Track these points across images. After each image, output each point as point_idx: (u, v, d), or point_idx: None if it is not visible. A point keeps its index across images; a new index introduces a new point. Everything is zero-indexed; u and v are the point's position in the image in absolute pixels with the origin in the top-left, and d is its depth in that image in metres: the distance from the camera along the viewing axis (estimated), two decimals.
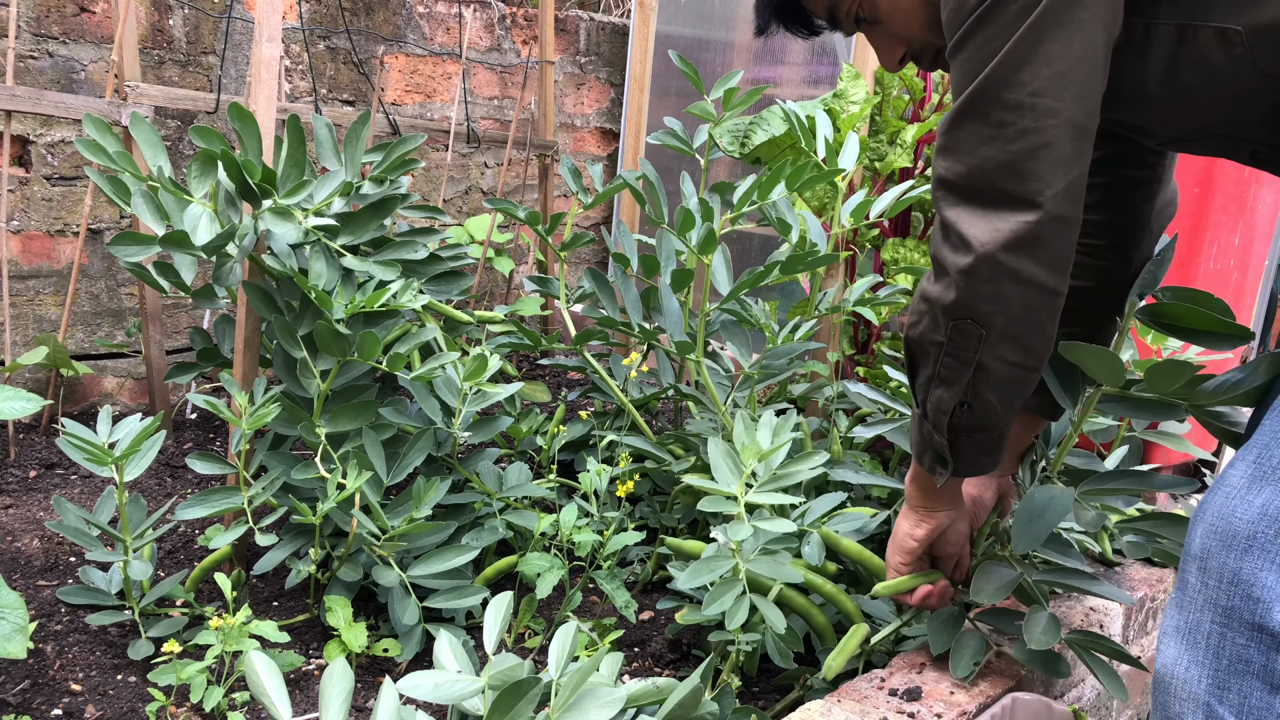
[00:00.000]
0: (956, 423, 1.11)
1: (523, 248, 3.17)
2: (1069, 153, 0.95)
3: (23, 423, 2.24)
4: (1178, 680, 0.84)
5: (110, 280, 2.40)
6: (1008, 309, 1.00)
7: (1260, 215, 2.15)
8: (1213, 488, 0.88)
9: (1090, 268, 1.29)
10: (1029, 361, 1.05)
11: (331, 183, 1.63)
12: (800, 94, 3.13)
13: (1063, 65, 0.92)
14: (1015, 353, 1.04)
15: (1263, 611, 0.78)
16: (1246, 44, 0.91)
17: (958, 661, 1.30)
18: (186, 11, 2.40)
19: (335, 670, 0.89)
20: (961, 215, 1.00)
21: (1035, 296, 0.99)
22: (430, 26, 2.91)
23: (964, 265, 1.00)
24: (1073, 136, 0.94)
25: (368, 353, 1.50)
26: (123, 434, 1.46)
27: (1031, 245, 0.97)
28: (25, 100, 1.96)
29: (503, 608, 1.04)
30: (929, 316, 1.07)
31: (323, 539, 1.60)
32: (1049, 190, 0.95)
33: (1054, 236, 0.97)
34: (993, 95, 0.95)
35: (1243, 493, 0.83)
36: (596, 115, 3.45)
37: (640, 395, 2.04)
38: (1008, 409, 1.10)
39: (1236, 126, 1.00)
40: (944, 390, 1.10)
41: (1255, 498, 0.82)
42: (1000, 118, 0.95)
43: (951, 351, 1.06)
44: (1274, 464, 0.83)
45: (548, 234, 2.06)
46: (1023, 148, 0.95)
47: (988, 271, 0.99)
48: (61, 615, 1.55)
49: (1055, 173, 0.95)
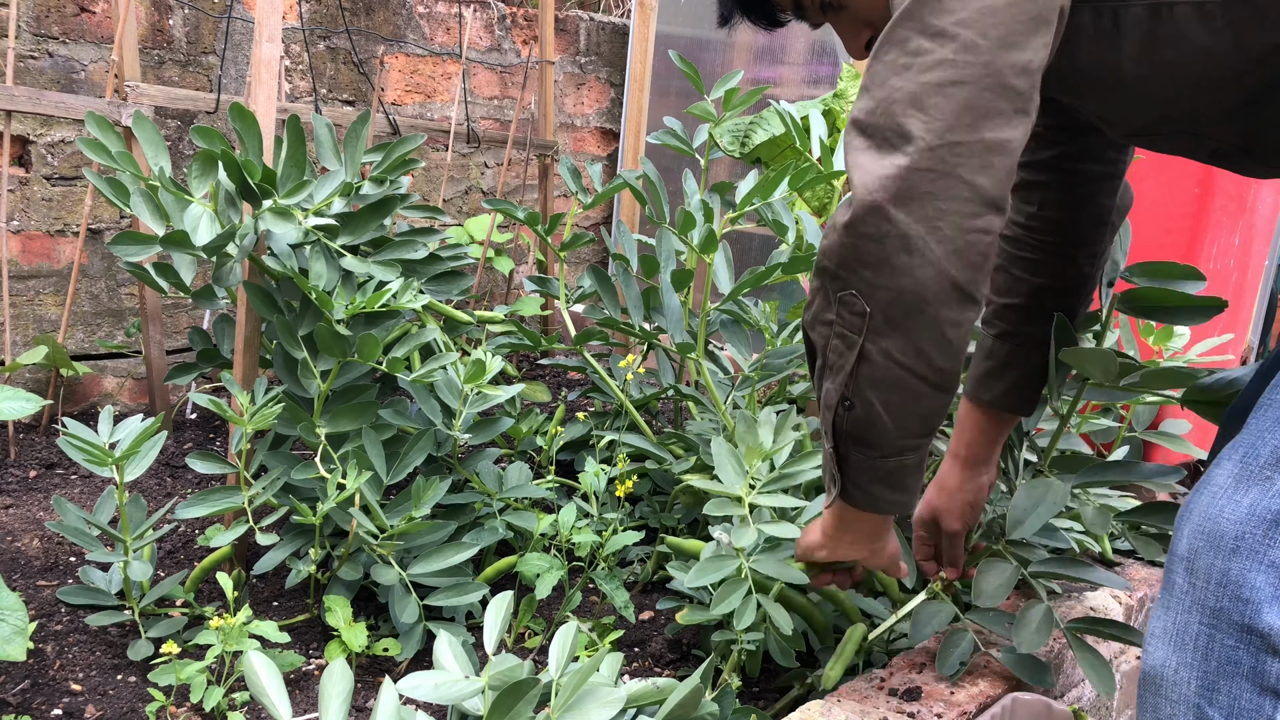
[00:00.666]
0: (840, 425, 0.99)
1: (523, 248, 3.17)
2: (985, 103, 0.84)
3: (23, 423, 2.24)
4: (1167, 682, 0.83)
5: (110, 280, 2.40)
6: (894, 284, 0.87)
7: (1260, 215, 2.15)
8: (1198, 487, 0.86)
9: (1051, 265, 1.25)
10: (921, 369, 0.91)
11: (331, 183, 1.63)
12: (800, 94, 3.13)
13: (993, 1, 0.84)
14: (903, 351, 0.90)
15: (1251, 612, 0.77)
16: (1226, 15, 0.86)
17: (944, 659, 1.31)
18: (186, 11, 2.40)
19: (335, 670, 0.89)
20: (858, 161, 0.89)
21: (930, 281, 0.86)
22: (430, 26, 2.91)
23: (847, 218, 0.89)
24: (992, 85, 0.84)
25: (367, 354, 1.50)
26: (123, 434, 1.46)
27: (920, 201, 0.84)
28: (25, 100, 1.96)
29: (503, 608, 1.04)
30: (820, 292, 0.95)
31: (323, 539, 1.60)
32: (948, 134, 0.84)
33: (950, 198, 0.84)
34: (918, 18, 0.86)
35: (1229, 492, 0.82)
36: (596, 115, 3.45)
37: (640, 395, 2.04)
38: (899, 426, 0.96)
39: (1202, 120, 0.96)
40: (830, 381, 0.98)
41: (1243, 498, 0.81)
42: (918, 44, 0.85)
43: (839, 332, 0.94)
44: (1260, 463, 0.81)
45: (547, 234, 2.06)
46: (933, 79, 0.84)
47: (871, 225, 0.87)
48: (61, 615, 1.55)
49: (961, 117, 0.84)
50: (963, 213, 0.85)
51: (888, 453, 0.99)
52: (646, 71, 3.16)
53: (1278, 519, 0.77)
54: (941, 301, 0.88)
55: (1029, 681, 1.30)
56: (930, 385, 0.93)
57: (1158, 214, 2.02)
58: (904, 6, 0.88)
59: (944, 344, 0.90)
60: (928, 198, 0.85)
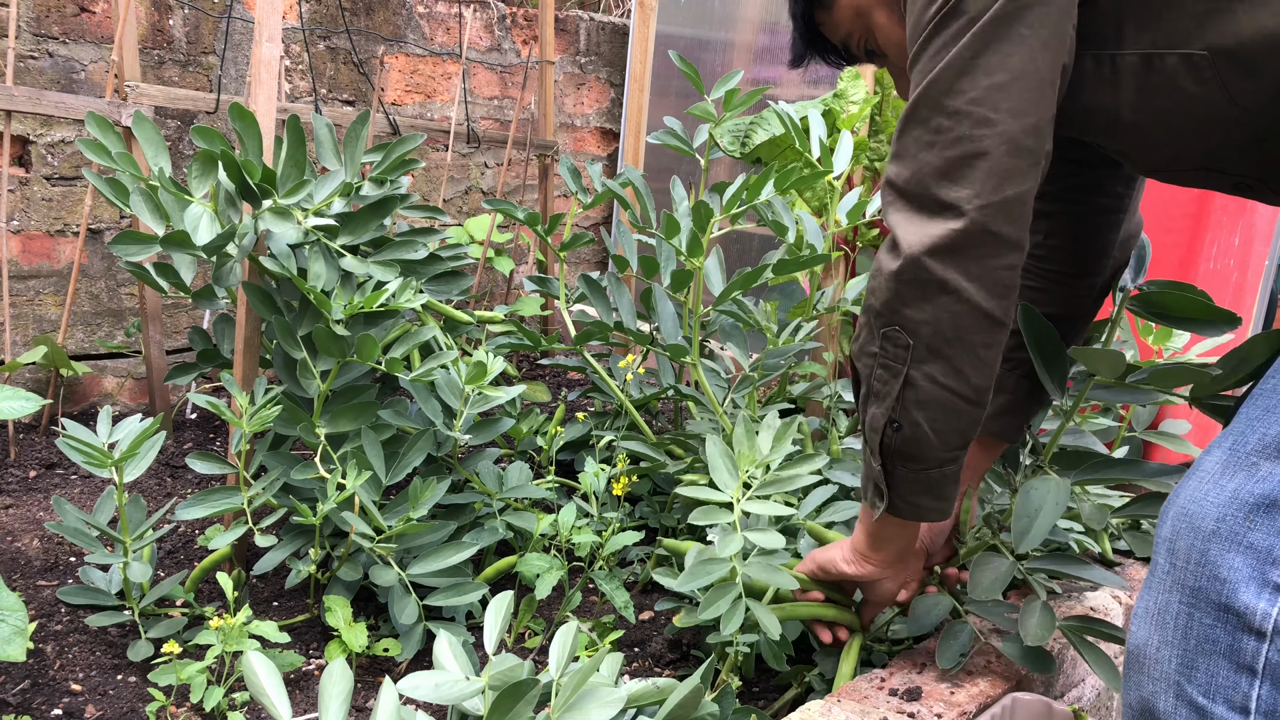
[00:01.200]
0: (888, 445, 1.10)
1: (523, 248, 3.17)
2: (1006, 167, 0.95)
3: (23, 423, 2.24)
4: (1149, 660, 0.84)
5: (110, 280, 2.40)
6: (934, 319, 1.00)
7: (1260, 215, 2.15)
8: (1188, 474, 0.89)
9: (1053, 293, 1.31)
10: (961, 388, 1.03)
11: (331, 183, 1.63)
12: (801, 94, 3.13)
13: (1001, 78, 0.94)
14: (945, 374, 1.02)
15: (1229, 592, 0.78)
16: (1214, 68, 0.92)
17: (944, 651, 1.31)
18: (186, 11, 2.40)
19: (334, 671, 0.89)
20: (899, 219, 1.02)
21: (965, 314, 0.99)
22: (430, 26, 2.91)
23: (894, 268, 1.01)
24: (1009, 150, 0.95)
25: (366, 354, 1.50)
26: (122, 435, 1.46)
27: (958, 255, 0.97)
28: (25, 100, 1.96)
29: (502, 608, 1.04)
30: (866, 328, 1.08)
31: (323, 539, 1.60)
32: (978, 200, 0.96)
33: (983, 250, 0.97)
34: (934, 101, 0.97)
35: (1215, 478, 0.84)
36: (596, 115, 3.45)
37: (640, 395, 2.04)
38: (942, 441, 1.07)
39: (1216, 158, 1.01)
40: (876, 406, 1.09)
41: (1228, 483, 0.83)
42: (939, 123, 0.97)
43: (883, 363, 1.06)
44: (1248, 450, 0.83)
45: (547, 234, 2.06)
46: (958, 154, 0.96)
47: (912, 274, 1.00)
48: (61, 615, 1.55)
49: (987, 183, 0.95)
50: (992, 256, 0.97)
51: (931, 465, 1.10)
52: (646, 71, 3.16)
53: (1259, 503, 0.79)
54: (976, 329, 1.00)
55: (1033, 671, 1.30)
56: (968, 402, 1.04)
57: (1158, 214, 2.02)
58: (920, 90, 0.99)
59: (979, 364, 1.02)
60: (961, 252, 0.97)
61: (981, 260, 0.97)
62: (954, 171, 0.96)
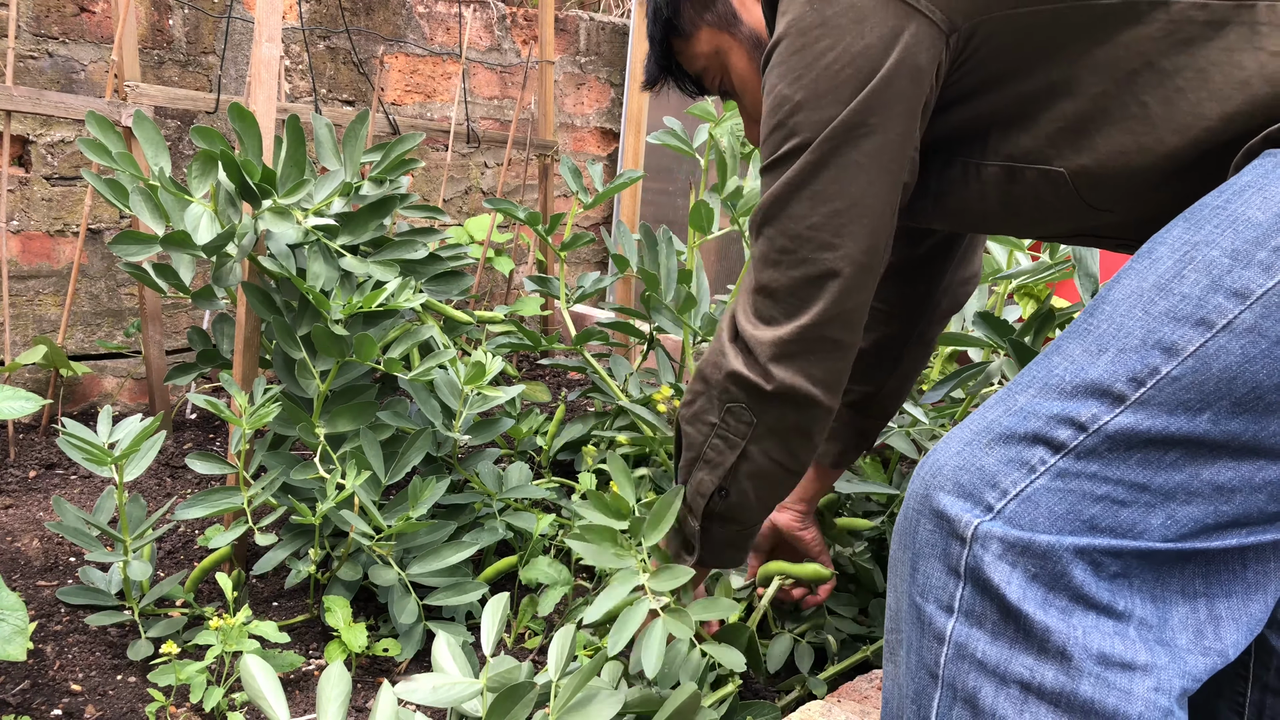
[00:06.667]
0: (712, 509, 1.15)
1: (523, 248, 3.17)
2: (848, 285, 1.00)
3: (22, 423, 2.24)
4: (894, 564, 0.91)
5: (110, 280, 2.40)
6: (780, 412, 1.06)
7: None
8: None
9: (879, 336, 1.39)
10: (791, 464, 1.11)
11: (331, 183, 1.63)
12: None
13: (839, 204, 0.98)
14: (780, 453, 1.09)
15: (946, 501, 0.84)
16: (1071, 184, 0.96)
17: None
18: (186, 11, 2.40)
19: (332, 673, 0.89)
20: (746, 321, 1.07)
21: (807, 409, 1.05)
22: (430, 26, 2.91)
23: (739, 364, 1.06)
24: (853, 270, 1.00)
25: (365, 354, 1.50)
26: (122, 434, 1.46)
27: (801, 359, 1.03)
28: (25, 100, 1.96)
29: (500, 609, 1.04)
30: (705, 397, 1.12)
31: (322, 539, 1.60)
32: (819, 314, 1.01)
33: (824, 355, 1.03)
34: (777, 221, 1.01)
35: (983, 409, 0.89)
36: (596, 115, 3.45)
37: (640, 395, 2.03)
38: (763, 506, 1.15)
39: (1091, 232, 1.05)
40: (706, 473, 1.14)
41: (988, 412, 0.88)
42: (783, 244, 1.01)
43: (721, 434, 1.11)
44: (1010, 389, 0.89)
45: (548, 234, 2.05)
46: (801, 275, 1.01)
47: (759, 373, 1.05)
48: (61, 615, 1.55)
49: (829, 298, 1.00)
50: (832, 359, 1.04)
51: (747, 525, 1.18)
52: None
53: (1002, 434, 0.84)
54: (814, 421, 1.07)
55: None
56: (794, 474, 1.12)
57: None
58: (766, 205, 1.02)
59: (810, 446, 1.10)
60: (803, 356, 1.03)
61: (822, 363, 1.03)
62: (799, 290, 1.01)
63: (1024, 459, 0.82)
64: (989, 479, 0.82)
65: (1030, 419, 0.83)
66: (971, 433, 0.86)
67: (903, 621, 0.88)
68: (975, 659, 0.81)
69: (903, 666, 0.88)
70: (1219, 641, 0.81)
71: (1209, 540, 0.79)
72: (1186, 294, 0.78)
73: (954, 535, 0.83)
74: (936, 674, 0.84)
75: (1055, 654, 0.78)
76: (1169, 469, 0.78)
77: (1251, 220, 0.77)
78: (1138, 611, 0.79)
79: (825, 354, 1.04)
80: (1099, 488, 0.79)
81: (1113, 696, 0.77)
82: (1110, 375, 0.80)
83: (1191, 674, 0.79)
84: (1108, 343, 0.81)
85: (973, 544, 0.81)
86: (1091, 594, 0.78)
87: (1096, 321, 0.83)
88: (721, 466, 1.11)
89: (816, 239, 0.99)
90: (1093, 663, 0.77)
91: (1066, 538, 0.78)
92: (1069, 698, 0.78)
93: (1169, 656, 0.79)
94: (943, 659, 0.83)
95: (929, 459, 0.88)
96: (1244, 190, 0.80)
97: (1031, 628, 0.78)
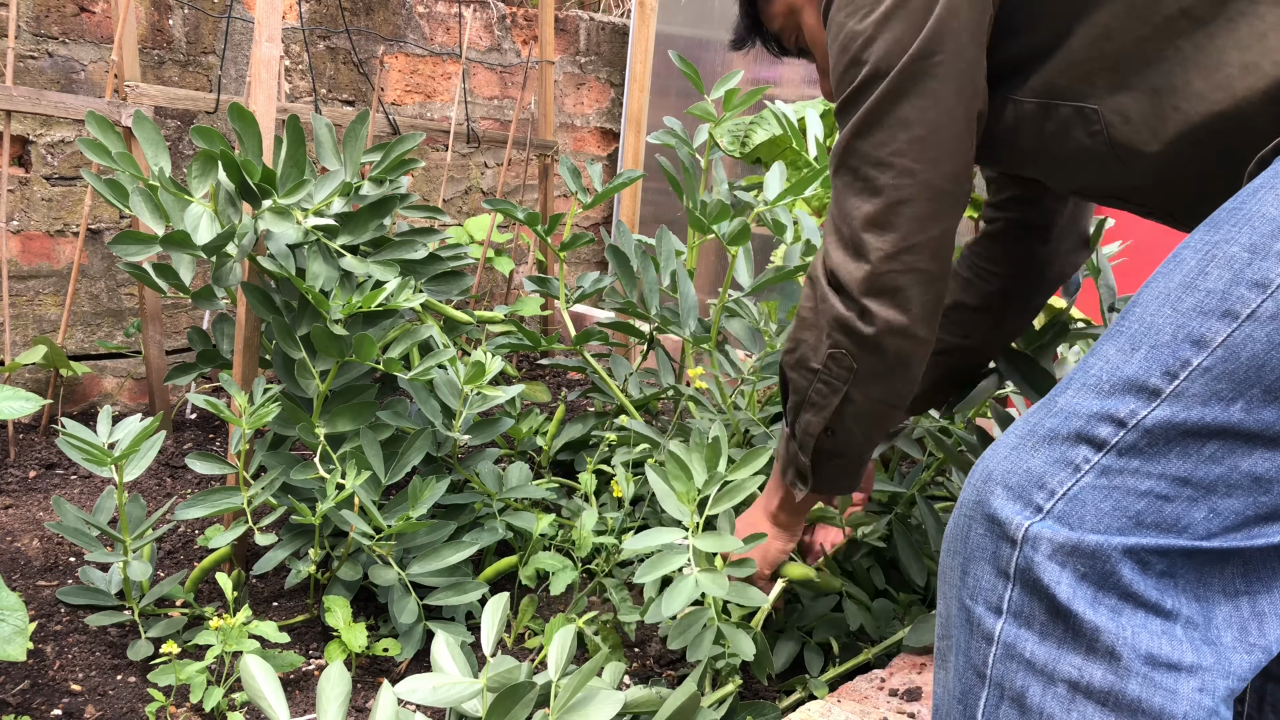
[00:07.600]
0: (820, 446, 1.19)
1: (523, 248, 3.17)
2: (929, 211, 1.02)
3: (22, 423, 2.24)
4: (944, 570, 0.92)
5: (110, 280, 2.40)
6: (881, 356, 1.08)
7: None
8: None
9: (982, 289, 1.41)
10: (893, 400, 1.13)
11: (331, 183, 1.63)
12: (800, 94, 3.13)
13: (919, 131, 1.00)
14: (883, 393, 1.12)
15: (997, 504, 0.85)
16: (1103, 123, 0.99)
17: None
18: (186, 11, 2.40)
19: (332, 674, 0.89)
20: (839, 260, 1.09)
21: (905, 346, 1.08)
22: (430, 26, 2.91)
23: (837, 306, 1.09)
24: (931, 196, 1.02)
25: (364, 354, 1.50)
26: (122, 434, 1.46)
27: (893, 293, 1.05)
28: (25, 100, 1.96)
29: (499, 609, 1.04)
30: (806, 344, 1.15)
31: (322, 539, 1.60)
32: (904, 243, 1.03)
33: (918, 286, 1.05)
34: (858, 150, 1.04)
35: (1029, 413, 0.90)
36: (596, 115, 3.45)
37: (640, 395, 2.04)
38: (868, 440, 1.19)
39: (1121, 190, 1.07)
40: (812, 415, 1.17)
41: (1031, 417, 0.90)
42: (865, 172, 1.04)
43: (825, 380, 1.14)
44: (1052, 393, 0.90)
45: (547, 234, 2.05)
46: (884, 202, 1.03)
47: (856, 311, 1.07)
48: (61, 615, 1.55)
49: (912, 227, 1.03)
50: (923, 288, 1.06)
51: (856, 457, 1.22)
52: (646, 71, 3.16)
53: (1047, 435, 0.85)
54: (913, 356, 1.09)
55: None
56: (898, 409, 1.15)
57: None
58: (845, 137, 1.05)
59: (911, 382, 1.12)
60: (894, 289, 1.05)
61: (915, 294, 1.05)
62: (882, 219, 1.03)
63: (1069, 458, 0.83)
64: (1037, 480, 0.84)
65: (1072, 418, 0.84)
66: (1018, 437, 0.87)
67: (952, 626, 0.89)
68: (1023, 658, 0.82)
69: (952, 671, 0.89)
70: (1263, 638, 0.82)
71: (1250, 538, 0.80)
72: (1211, 289, 0.80)
73: (1005, 538, 0.84)
74: (984, 674, 0.85)
75: (1104, 653, 0.79)
76: (1208, 462, 0.79)
77: (1266, 216, 0.80)
78: (1184, 611, 0.80)
79: (916, 285, 1.05)
80: (1142, 483, 0.80)
81: (1159, 696, 0.78)
82: (1145, 371, 0.82)
83: (1237, 673, 0.80)
84: (1140, 340, 0.83)
85: (1023, 545, 0.82)
86: (1140, 592, 0.79)
87: (1129, 323, 0.85)
88: (827, 409, 1.15)
89: (897, 164, 1.01)
90: (1141, 662, 0.78)
91: (1115, 537, 0.80)
92: (1117, 697, 0.78)
93: (1215, 656, 0.80)
94: (991, 659, 0.84)
95: (979, 466, 0.89)
96: (1258, 190, 0.82)
97: (1081, 627, 0.79)
